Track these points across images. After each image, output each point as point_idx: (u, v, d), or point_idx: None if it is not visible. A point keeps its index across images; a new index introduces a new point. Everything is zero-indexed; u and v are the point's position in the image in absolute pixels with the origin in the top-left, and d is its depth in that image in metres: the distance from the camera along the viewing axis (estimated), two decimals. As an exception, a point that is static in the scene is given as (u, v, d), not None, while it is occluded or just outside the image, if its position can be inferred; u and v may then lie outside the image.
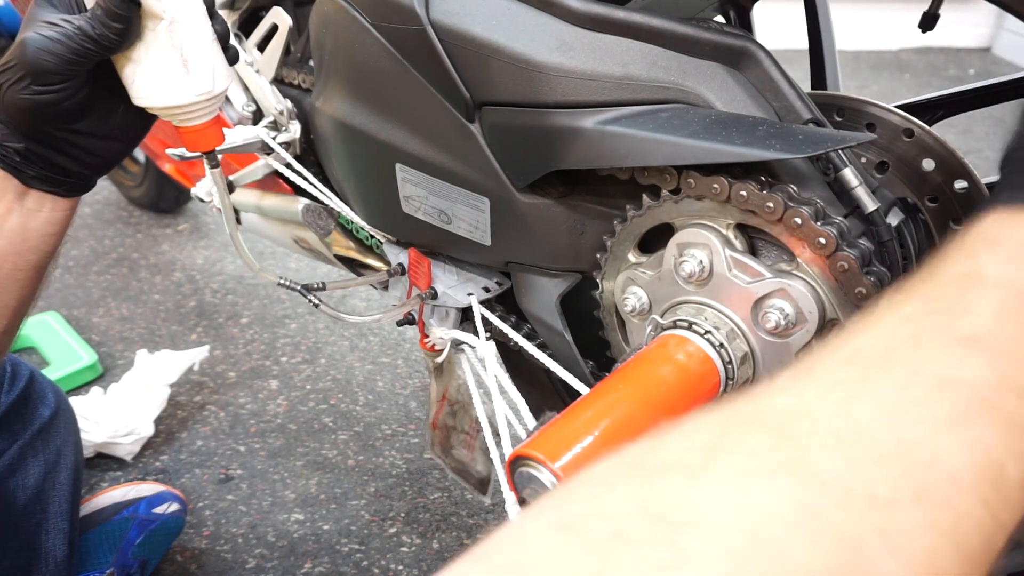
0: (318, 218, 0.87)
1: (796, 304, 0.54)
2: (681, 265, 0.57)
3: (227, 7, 0.91)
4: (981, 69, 2.86)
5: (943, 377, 0.25)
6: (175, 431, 1.29)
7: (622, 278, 0.63)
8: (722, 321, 0.57)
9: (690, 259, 0.56)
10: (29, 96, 0.52)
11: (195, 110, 0.59)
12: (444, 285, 0.81)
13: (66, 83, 0.53)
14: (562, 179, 0.65)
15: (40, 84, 0.52)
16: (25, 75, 0.52)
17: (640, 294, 0.61)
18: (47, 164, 0.58)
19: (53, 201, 0.61)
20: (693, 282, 0.57)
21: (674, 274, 0.58)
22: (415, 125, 0.68)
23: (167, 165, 1.43)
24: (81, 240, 1.86)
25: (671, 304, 0.60)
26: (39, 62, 0.51)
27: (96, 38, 0.51)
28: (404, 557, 1.06)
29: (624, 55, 0.56)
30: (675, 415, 0.53)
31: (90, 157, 0.60)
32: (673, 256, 0.58)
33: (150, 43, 0.55)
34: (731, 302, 0.56)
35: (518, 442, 0.50)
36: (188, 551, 1.08)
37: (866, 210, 0.53)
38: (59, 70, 0.52)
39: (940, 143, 0.57)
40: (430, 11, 0.61)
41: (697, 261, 0.56)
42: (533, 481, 0.47)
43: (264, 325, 1.56)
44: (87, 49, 0.52)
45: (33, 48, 0.51)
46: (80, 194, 0.63)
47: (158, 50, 0.55)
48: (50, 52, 0.51)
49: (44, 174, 0.59)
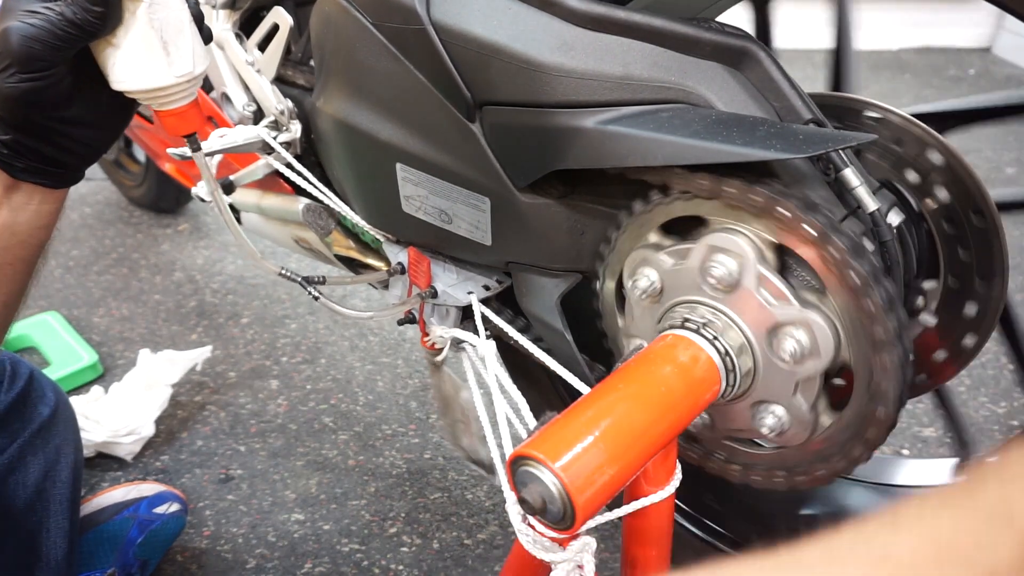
0: (318, 218, 0.87)
1: (814, 338, 0.53)
2: (710, 268, 0.56)
3: (228, 7, 0.91)
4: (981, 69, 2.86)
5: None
6: (175, 431, 1.29)
7: (637, 256, 0.61)
8: (736, 334, 0.56)
9: (720, 265, 0.55)
10: (15, 84, 0.53)
11: (175, 92, 0.59)
12: (444, 284, 0.81)
13: (52, 70, 0.53)
14: (562, 179, 0.65)
15: (26, 72, 0.52)
16: (11, 64, 0.52)
17: (653, 277, 0.60)
18: (35, 155, 0.58)
19: (42, 194, 0.61)
20: (717, 288, 0.56)
21: (698, 273, 0.57)
22: (416, 125, 0.68)
23: (167, 165, 1.43)
24: (81, 240, 1.86)
25: (686, 300, 0.59)
26: (24, 49, 0.52)
27: (79, 23, 0.52)
28: (404, 557, 1.06)
29: (625, 55, 0.56)
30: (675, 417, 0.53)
31: (77, 146, 0.60)
32: (702, 255, 0.57)
33: (129, 26, 0.55)
34: (750, 318, 0.55)
35: (518, 442, 0.50)
36: (189, 551, 1.08)
37: (867, 210, 0.53)
38: (44, 56, 0.52)
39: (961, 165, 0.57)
40: (431, 11, 0.61)
41: (727, 269, 0.55)
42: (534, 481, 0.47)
43: (264, 325, 1.56)
44: (70, 34, 0.52)
45: (17, 36, 0.51)
46: (68, 186, 0.63)
47: (137, 33, 0.55)
48: (35, 39, 0.51)
49: (33, 166, 0.59)
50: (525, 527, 0.52)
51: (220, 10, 0.91)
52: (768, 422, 0.58)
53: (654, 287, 0.60)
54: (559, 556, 0.51)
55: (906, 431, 1.25)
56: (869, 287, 0.50)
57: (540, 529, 0.51)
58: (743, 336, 0.56)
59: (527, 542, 0.51)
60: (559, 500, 0.46)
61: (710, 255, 0.56)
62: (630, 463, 0.49)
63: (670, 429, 0.52)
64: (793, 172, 0.54)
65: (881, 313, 0.50)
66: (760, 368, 0.56)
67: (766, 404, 0.58)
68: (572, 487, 0.46)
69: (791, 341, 0.54)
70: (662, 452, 0.53)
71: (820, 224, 0.50)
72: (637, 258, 0.61)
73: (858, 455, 0.56)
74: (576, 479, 0.46)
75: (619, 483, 0.49)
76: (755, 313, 0.55)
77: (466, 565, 1.05)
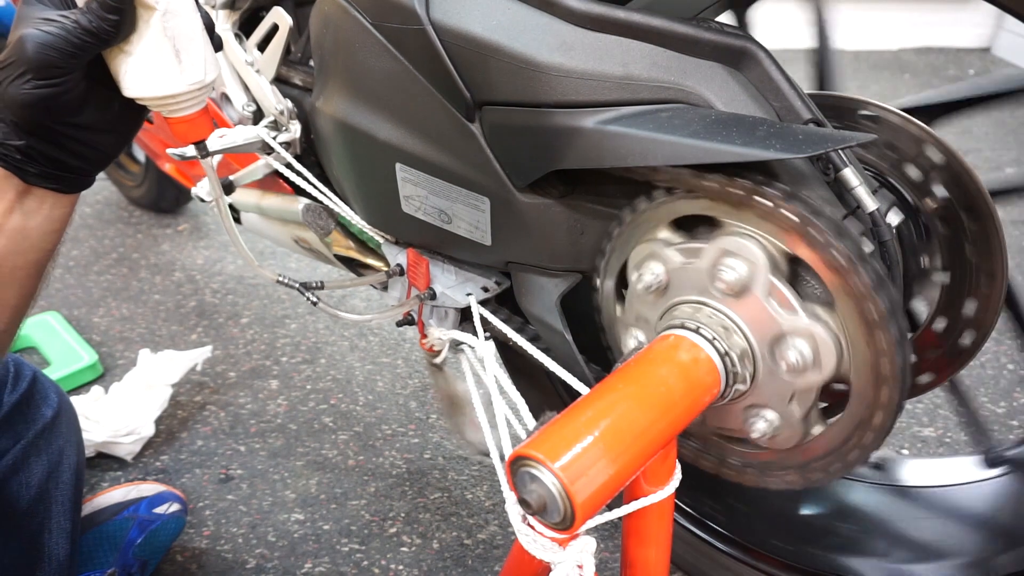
0: (318, 218, 0.87)
1: (817, 351, 0.53)
2: (720, 272, 0.55)
3: (227, 7, 0.91)
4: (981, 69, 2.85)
5: None
6: (175, 431, 1.30)
7: (644, 249, 0.61)
8: (739, 339, 0.56)
9: (731, 270, 0.55)
10: (31, 91, 0.53)
11: (186, 100, 0.59)
12: (443, 285, 0.81)
13: (66, 77, 0.54)
14: (562, 179, 0.65)
15: (41, 78, 0.53)
16: (27, 71, 0.53)
17: (660, 272, 0.60)
18: (48, 160, 0.59)
19: (54, 198, 0.61)
20: (725, 292, 0.56)
21: (707, 275, 0.57)
22: (415, 125, 0.68)
23: (167, 165, 1.43)
24: (81, 240, 1.86)
25: (691, 300, 0.59)
26: (41, 57, 0.52)
27: (94, 31, 0.53)
28: (404, 557, 1.06)
29: (624, 55, 0.56)
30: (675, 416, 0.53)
31: (89, 151, 0.61)
32: (713, 257, 0.56)
33: (143, 34, 0.55)
34: (755, 325, 0.55)
35: (518, 442, 0.50)
36: (188, 551, 1.08)
37: (867, 210, 0.53)
38: (60, 64, 0.53)
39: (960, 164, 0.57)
40: (430, 11, 0.61)
41: (738, 274, 0.55)
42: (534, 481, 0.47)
43: (264, 325, 1.56)
44: (86, 42, 0.53)
45: (34, 43, 0.52)
46: (80, 190, 0.64)
47: (151, 41, 0.56)
48: (51, 47, 0.52)
49: (45, 171, 0.59)
50: (525, 527, 0.52)
51: (220, 10, 0.91)
52: (759, 427, 0.58)
53: (660, 282, 0.60)
54: (559, 556, 0.51)
55: (906, 431, 1.25)
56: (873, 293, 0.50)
57: (540, 529, 0.51)
58: (746, 342, 0.56)
59: (527, 542, 0.51)
60: (559, 500, 0.46)
61: (722, 257, 0.56)
62: (630, 463, 0.49)
63: (670, 429, 0.52)
64: (793, 172, 0.54)
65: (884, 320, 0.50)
66: (760, 376, 0.56)
67: (759, 408, 0.58)
68: (572, 487, 0.46)
69: (794, 352, 0.54)
70: (662, 452, 0.54)
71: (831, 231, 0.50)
72: (644, 251, 0.61)
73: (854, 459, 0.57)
74: (576, 479, 0.46)
75: (619, 483, 0.49)
76: (761, 321, 0.55)
77: (466, 565, 1.05)
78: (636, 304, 0.63)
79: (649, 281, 0.60)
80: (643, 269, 0.60)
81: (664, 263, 0.59)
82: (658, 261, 0.59)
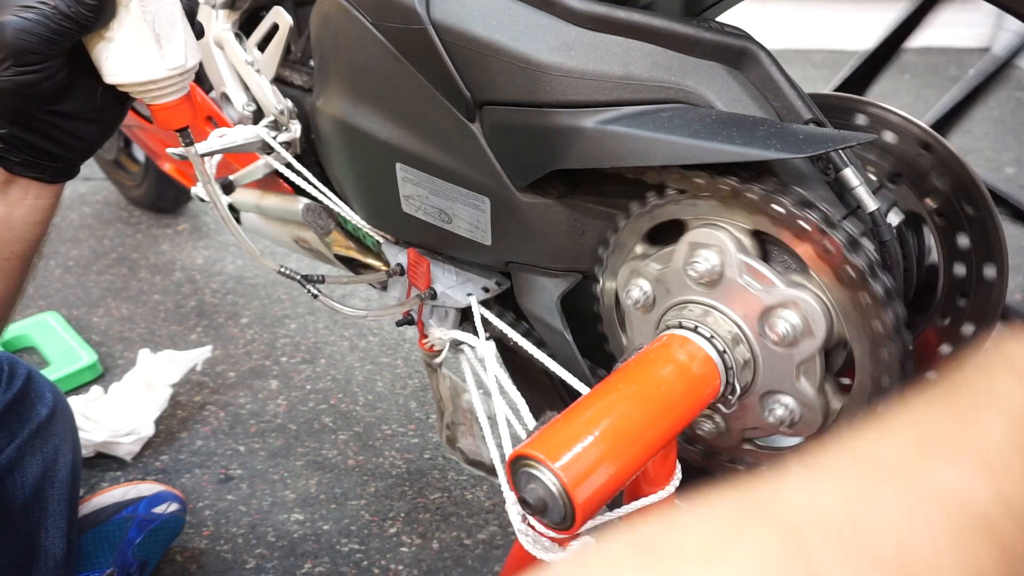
0: (318, 218, 0.87)
1: (805, 316, 0.54)
2: (692, 265, 0.57)
3: (227, 7, 0.91)
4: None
5: (947, 491, 0.26)
6: (175, 431, 1.29)
7: (627, 269, 0.63)
8: (728, 325, 0.56)
9: (702, 260, 0.56)
10: (10, 78, 0.53)
11: (168, 85, 0.59)
12: (443, 285, 0.81)
13: (46, 63, 0.54)
14: (562, 179, 0.65)
15: (21, 65, 0.53)
16: (6, 57, 0.53)
17: (645, 287, 0.61)
18: (31, 149, 0.59)
19: (38, 188, 0.61)
20: (702, 283, 0.57)
21: (683, 273, 0.58)
22: (415, 124, 0.68)
23: (167, 165, 1.43)
24: (81, 240, 1.86)
25: (677, 302, 0.59)
26: (19, 43, 0.52)
27: (72, 16, 0.52)
28: (404, 557, 1.06)
29: (625, 55, 0.56)
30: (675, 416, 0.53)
31: (73, 140, 0.61)
32: (684, 255, 0.57)
33: (122, 20, 0.55)
34: (739, 307, 0.56)
35: (518, 442, 0.50)
36: (188, 551, 1.08)
37: (867, 210, 0.53)
38: (40, 50, 0.53)
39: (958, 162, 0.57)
40: (431, 10, 0.61)
41: (709, 263, 0.56)
42: (534, 481, 0.47)
43: (264, 325, 1.56)
44: (64, 28, 0.53)
45: (12, 30, 0.52)
46: (64, 180, 0.63)
47: (130, 26, 0.56)
48: (30, 33, 0.52)
49: (28, 160, 0.59)
50: (525, 527, 0.52)
51: (220, 10, 0.90)
52: (778, 413, 0.58)
53: (647, 296, 0.61)
54: (559, 556, 0.51)
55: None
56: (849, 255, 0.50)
57: (540, 529, 0.51)
58: (736, 326, 0.56)
59: (527, 542, 0.51)
60: (559, 500, 0.46)
61: (691, 253, 0.57)
62: (630, 463, 0.49)
63: (670, 429, 0.52)
64: (793, 172, 0.54)
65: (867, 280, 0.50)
66: (758, 357, 0.57)
67: (773, 395, 0.58)
68: (572, 487, 0.46)
69: (783, 323, 0.54)
70: (662, 452, 0.53)
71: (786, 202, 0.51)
72: (627, 271, 0.63)
73: None
74: (576, 479, 0.46)
75: (619, 483, 0.49)
76: (743, 301, 0.56)
77: (466, 565, 1.05)
78: (633, 320, 0.65)
79: (637, 297, 0.61)
80: (630, 286, 0.62)
81: (645, 276, 0.61)
82: (641, 277, 0.61)
